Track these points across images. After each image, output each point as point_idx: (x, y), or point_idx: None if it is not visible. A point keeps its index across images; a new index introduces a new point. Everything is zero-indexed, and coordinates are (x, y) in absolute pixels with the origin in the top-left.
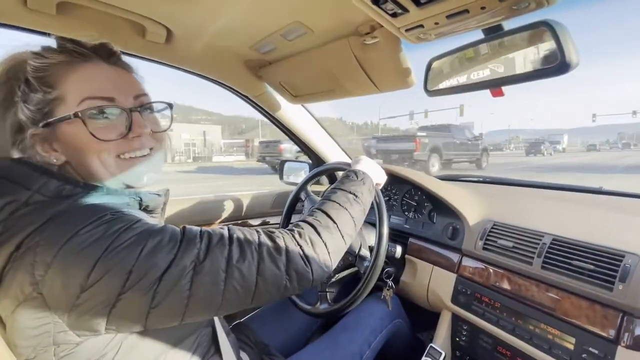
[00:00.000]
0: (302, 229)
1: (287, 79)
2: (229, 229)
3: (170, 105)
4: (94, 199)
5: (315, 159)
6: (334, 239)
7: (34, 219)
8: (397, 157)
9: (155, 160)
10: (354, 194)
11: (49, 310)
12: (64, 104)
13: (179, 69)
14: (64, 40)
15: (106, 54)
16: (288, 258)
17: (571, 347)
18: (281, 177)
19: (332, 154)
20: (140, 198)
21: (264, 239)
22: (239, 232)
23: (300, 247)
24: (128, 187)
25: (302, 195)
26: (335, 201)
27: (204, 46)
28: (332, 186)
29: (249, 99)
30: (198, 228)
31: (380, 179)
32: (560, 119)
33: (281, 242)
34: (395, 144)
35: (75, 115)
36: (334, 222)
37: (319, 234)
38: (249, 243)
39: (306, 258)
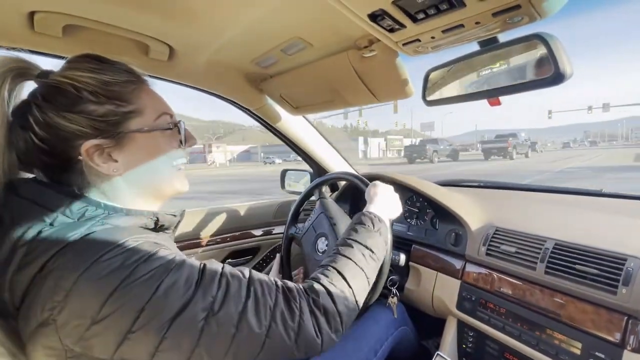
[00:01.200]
0: (318, 295)
1: (288, 92)
2: (249, 279)
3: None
4: (114, 220)
5: (317, 168)
6: (348, 308)
7: (58, 240)
8: None
9: None
10: (371, 250)
11: (59, 338)
12: (141, 117)
13: (181, 84)
14: (112, 60)
15: (149, 79)
16: (300, 326)
17: (578, 352)
18: (283, 186)
19: (334, 163)
20: (157, 218)
21: (281, 300)
22: (257, 285)
23: (315, 317)
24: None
25: (293, 231)
26: (351, 259)
27: (206, 62)
28: (347, 235)
29: (251, 111)
30: (218, 269)
31: (395, 213)
32: (534, 117)
33: (296, 308)
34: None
35: (164, 126)
36: (350, 286)
37: (334, 302)
38: (265, 300)
39: (318, 329)
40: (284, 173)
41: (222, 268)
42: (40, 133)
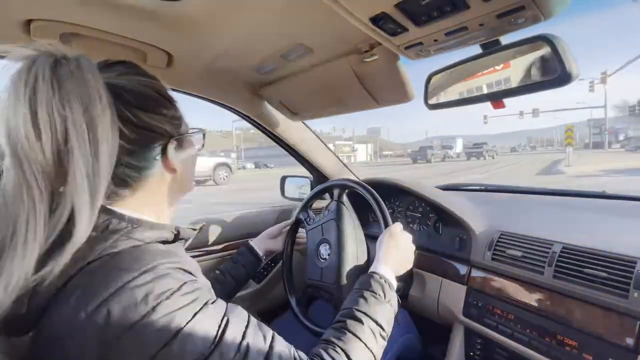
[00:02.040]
0: None
1: (287, 97)
2: (269, 349)
3: None
4: (139, 234)
5: (317, 175)
6: None
7: (81, 255)
8: None
9: None
10: (381, 327)
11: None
12: (184, 123)
13: (179, 91)
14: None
15: None
16: None
17: (590, 358)
18: (283, 194)
19: (334, 170)
20: (179, 232)
21: None
22: (276, 357)
23: None
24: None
25: (303, 216)
26: (361, 339)
27: (205, 69)
28: (356, 303)
29: (250, 118)
30: (241, 329)
31: (405, 268)
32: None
33: None
34: None
35: (200, 131)
36: None
37: None
38: None
39: None
40: (283, 180)
41: (246, 328)
42: (128, 134)
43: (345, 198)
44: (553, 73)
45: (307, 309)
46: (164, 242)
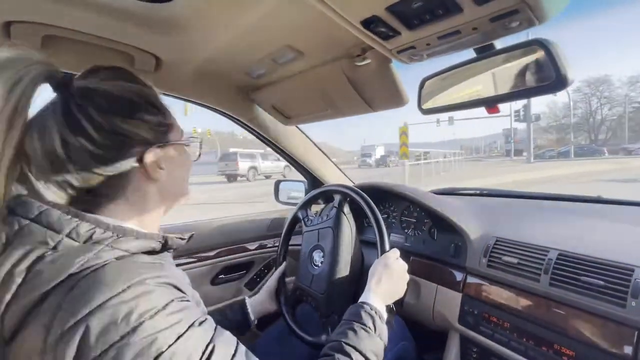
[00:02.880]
0: None
1: (279, 102)
2: None
3: None
4: (124, 244)
5: (311, 179)
6: None
7: (61, 268)
8: None
9: None
10: None
11: None
12: (175, 131)
13: (169, 95)
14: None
15: None
16: None
17: None
18: (277, 198)
19: (329, 174)
20: (166, 241)
21: None
22: None
23: None
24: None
25: (301, 215)
26: None
27: (194, 73)
28: (344, 336)
29: (242, 122)
30: (230, 353)
31: (398, 296)
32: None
33: None
34: None
35: (191, 140)
36: None
37: None
38: None
39: None
40: (277, 184)
41: (233, 356)
42: (97, 137)
43: (346, 206)
44: (548, 78)
45: (294, 309)
46: (151, 253)
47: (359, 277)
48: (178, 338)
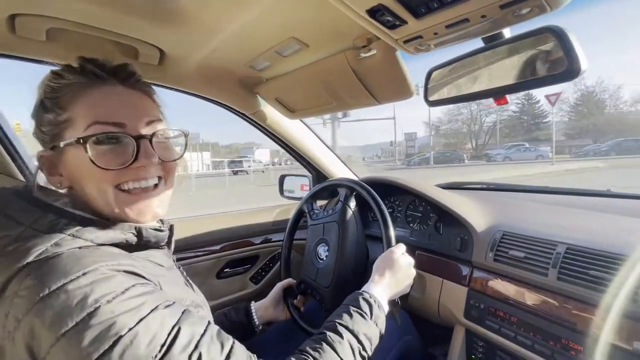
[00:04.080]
0: None
1: (284, 95)
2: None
3: (186, 134)
4: (88, 234)
5: (316, 173)
6: None
7: (19, 258)
8: None
9: (161, 193)
10: (362, 345)
11: None
12: (72, 127)
13: (173, 89)
14: (85, 61)
15: (124, 76)
16: None
17: None
18: (281, 192)
19: (334, 168)
20: (140, 233)
21: None
22: None
23: None
24: (123, 221)
25: (307, 208)
26: (336, 352)
27: (198, 66)
28: (340, 317)
29: (246, 116)
30: (194, 337)
31: (402, 292)
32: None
33: None
34: None
35: (79, 140)
36: None
37: None
38: None
39: None
40: (282, 179)
41: (201, 336)
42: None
43: (352, 201)
44: (559, 67)
45: (299, 302)
46: (127, 247)
47: (363, 271)
48: (140, 321)
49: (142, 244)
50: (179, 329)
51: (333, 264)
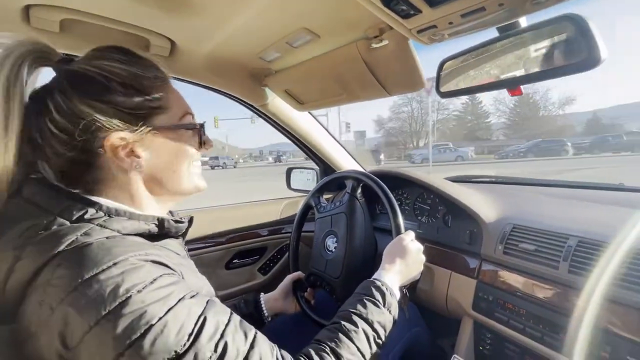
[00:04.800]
0: None
1: (293, 87)
2: (249, 349)
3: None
4: (116, 224)
5: (324, 166)
6: None
7: (50, 246)
8: None
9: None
10: (377, 333)
11: (43, 354)
12: (166, 114)
13: (183, 80)
14: (134, 54)
15: (170, 76)
16: None
17: (607, 355)
18: (289, 185)
19: (341, 160)
20: (162, 224)
21: None
22: (256, 357)
23: None
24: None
25: (314, 202)
26: (354, 342)
27: (208, 57)
28: (353, 306)
29: (254, 107)
30: (220, 327)
31: (413, 278)
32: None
33: None
34: None
35: (187, 125)
36: None
37: None
38: None
39: None
40: (289, 171)
41: (226, 326)
42: (60, 121)
43: (359, 192)
44: (578, 56)
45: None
46: (149, 237)
47: (372, 261)
48: (168, 311)
49: (162, 234)
50: (205, 318)
51: (342, 255)
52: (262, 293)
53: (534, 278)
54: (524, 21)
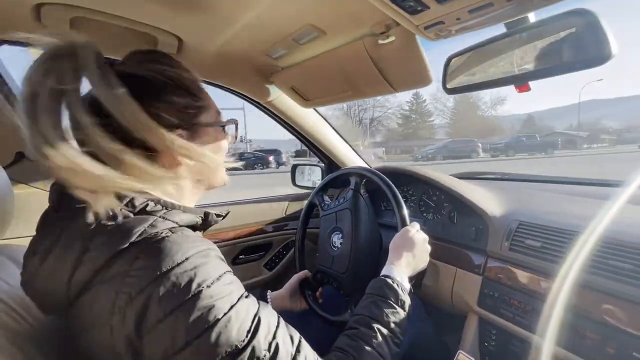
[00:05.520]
0: None
1: (299, 84)
2: (295, 351)
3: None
4: (175, 216)
5: (329, 163)
6: None
7: (122, 236)
8: None
9: None
10: (394, 334)
11: (113, 341)
12: (208, 113)
13: None
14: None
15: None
16: None
17: (612, 351)
18: (294, 182)
19: (347, 157)
20: (207, 217)
21: None
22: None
23: None
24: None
25: (317, 200)
26: (372, 346)
27: (215, 54)
28: (368, 310)
29: (261, 104)
30: (272, 327)
31: (420, 269)
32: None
33: None
34: None
35: (227, 122)
36: None
37: None
38: None
39: None
40: (294, 168)
41: (277, 327)
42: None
43: (363, 188)
44: (587, 51)
45: (315, 292)
46: (193, 229)
47: (378, 257)
48: (231, 307)
49: (204, 226)
50: (259, 318)
51: (348, 251)
52: (269, 290)
53: (541, 274)
54: (532, 17)
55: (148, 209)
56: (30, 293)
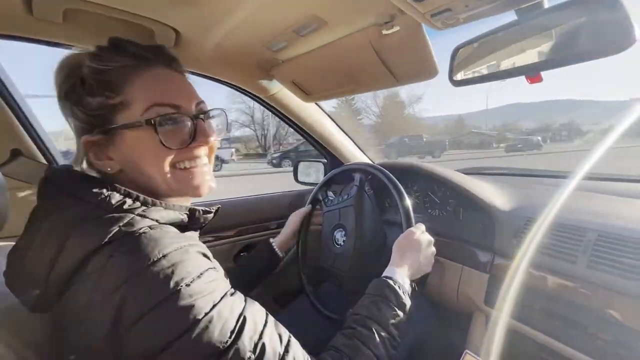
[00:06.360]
0: None
1: (300, 77)
2: (284, 351)
3: (226, 112)
4: (155, 213)
5: (332, 159)
6: None
7: (98, 235)
8: None
9: (209, 168)
10: (392, 337)
11: (91, 337)
12: (128, 110)
13: (188, 72)
14: (125, 42)
15: (167, 59)
16: None
17: (625, 352)
18: (296, 178)
19: (349, 153)
20: (193, 214)
21: None
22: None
23: None
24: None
25: (321, 196)
26: (369, 347)
27: (214, 48)
28: (367, 310)
29: (261, 99)
30: (258, 327)
31: (423, 272)
32: None
33: None
34: None
35: (147, 122)
36: None
37: None
38: None
39: None
40: (296, 164)
41: (264, 327)
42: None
43: (367, 185)
44: (606, 38)
45: (317, 289)
46: (179, 226)
47: (382, 254)
48: (213, 306)
49: (190, 224)
50: (245, 317)
51: (351, 248)
52: (271, 238)
53: (550, 273)
54: (545, 2)
55: (125, 206)
56: (16, 292)
